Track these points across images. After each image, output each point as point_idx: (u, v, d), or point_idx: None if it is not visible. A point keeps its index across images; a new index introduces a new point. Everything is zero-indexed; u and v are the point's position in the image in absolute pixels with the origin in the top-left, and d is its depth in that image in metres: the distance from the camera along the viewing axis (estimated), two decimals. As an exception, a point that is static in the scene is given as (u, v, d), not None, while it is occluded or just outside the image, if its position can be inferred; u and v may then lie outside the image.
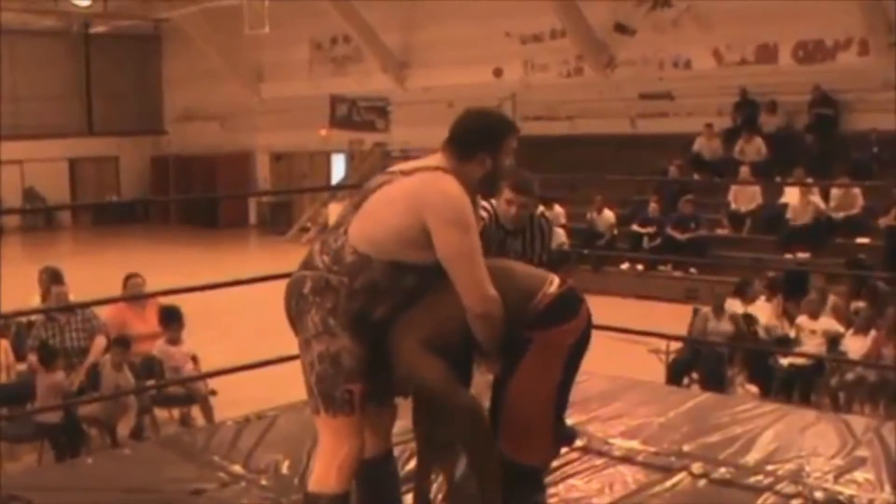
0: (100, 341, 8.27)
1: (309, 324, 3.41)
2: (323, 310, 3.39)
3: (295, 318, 3.48)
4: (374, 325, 3.44)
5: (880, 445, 5.11)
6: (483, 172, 3.49)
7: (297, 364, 3.55)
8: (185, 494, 4.35)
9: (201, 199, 30.12)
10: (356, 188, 4.37)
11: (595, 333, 3.64)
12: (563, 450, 5.03)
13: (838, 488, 4.55)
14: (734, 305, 10.36)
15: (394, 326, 3.45)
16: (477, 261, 3.34)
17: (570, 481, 4.68)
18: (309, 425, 3.90)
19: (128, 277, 8.85)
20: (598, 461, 4.96)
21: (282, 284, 3.61)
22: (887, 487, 4.58)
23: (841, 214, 14.92)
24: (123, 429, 8.01)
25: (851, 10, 16.21)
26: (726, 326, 9.91)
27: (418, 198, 3.34)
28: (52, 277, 9.03)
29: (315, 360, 3.40)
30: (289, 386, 3.69)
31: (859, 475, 4.73)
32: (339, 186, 24.70)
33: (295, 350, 3.53)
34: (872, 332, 9.22)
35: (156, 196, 29.45)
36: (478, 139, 3.48)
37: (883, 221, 14.00)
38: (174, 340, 8.44)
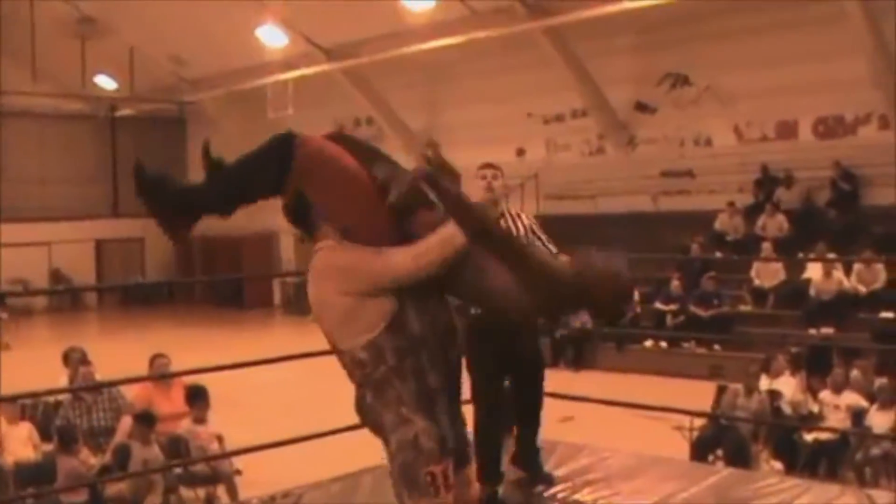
0: (126, 421, 8.33)
1: (387, 424, 3.39)
2: (391, 404, 3.38)
3: (373, 430, 3.49)
4: (434, 393, 3.43)
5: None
6: None
7: (321, 443, 3.59)
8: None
9: (225, 280, 30.27)
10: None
11: (619, 410, 3.68)
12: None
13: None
14: (762, 382, 10.36)
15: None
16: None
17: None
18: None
19: (154, 358, 8.95)
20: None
21: (306, 364, 3.67)
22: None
23: (864, 289, 14.89)
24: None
25: (870, 86, 16.37)
26: (755, 404, 9.90)
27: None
28: (80, 358, 9.14)
29: (395, 452, 3.35)
30: (313, 465, 3.72)
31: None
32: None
33: (318, 429, 3.57)
34: (897, 407, 9.20)
35: (181, 277, 29.63)
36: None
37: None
38: (200, 420, 8.50)
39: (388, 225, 3.41)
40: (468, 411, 5.89)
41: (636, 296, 16.85)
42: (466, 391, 4.24)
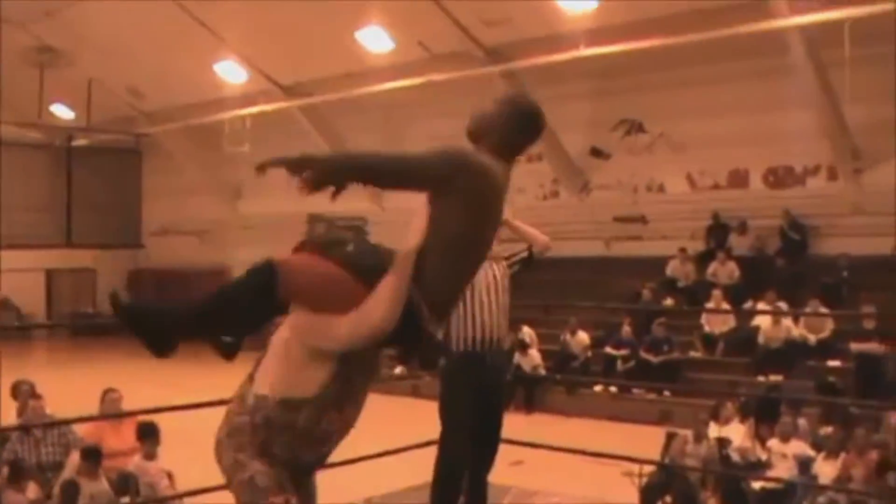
0: (75, 456, 8.25)
1: (225, 464, 3.49)
2: (230, 449, 3.49)
3: (218, 462, 3.58)
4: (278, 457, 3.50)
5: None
6: None
7: None
8: None
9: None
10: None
11: (568, 456, 3.75)
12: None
13: None
14: (711, 429, 10.47)
15: None
16: None
17: None
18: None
19: (105, 393, 8.91)
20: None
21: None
22: None
23: (812, 337, 15.10)
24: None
25: (819, 137, 16.71)
26: (704, 451, 9.99)
27: None
28: (28, 391, 9.06)
29: (236, 494, 3.47)
30: None
31: None
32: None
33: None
34: (842, 456, 9.32)
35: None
36: None
37: (855, 346, 14.17)
38: (150, 456, 8.45)
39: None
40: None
41: (586, 340, 16.97)
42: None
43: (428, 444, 6.10)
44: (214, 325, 3.55)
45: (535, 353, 16.75)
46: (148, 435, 8.48)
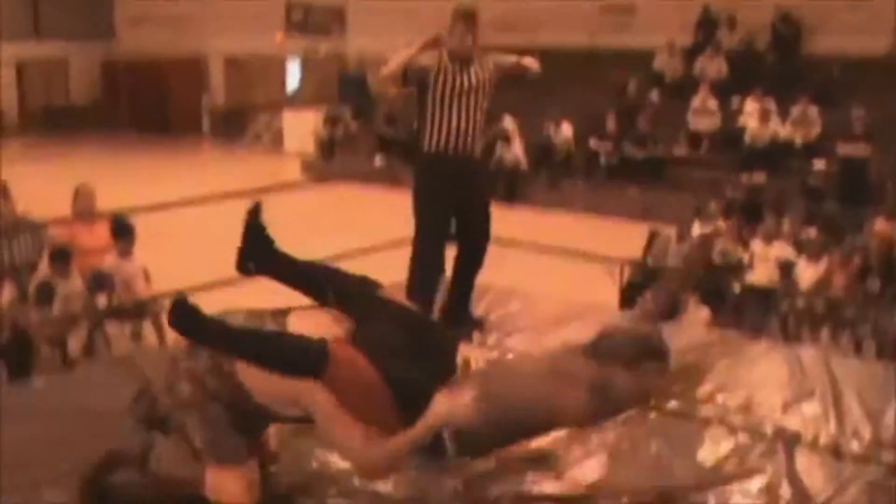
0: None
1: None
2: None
3: None
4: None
5: (828, 378, 5.15)
6: None
7: (249, 280, 3.57)
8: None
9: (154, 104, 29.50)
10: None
11: (551, 253, 3.65)
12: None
13: (786, 421, 4.59)
14: (693, 228, 10.40)
15: None
16: None
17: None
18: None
19: (78, 188, 8.67)
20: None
21: (235, 201, 3.59)
22: (833, 421, 4.63)
23: (799, 138, 14.91)
24: (75, 345, 7.91)
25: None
26: (686, 250, 9.94)
27: None
28: (1, 191, 8.87)
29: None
30: (241, 302, 3.65)
31: (807, 408, 4.77)
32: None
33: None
34: (825, 260, 9.29)
35: (107, 102, 28.78)
36: None
37: (842, 148, 13.95)
38: (125, 253, 8.32)
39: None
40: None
41: (570, 133, 16.74)
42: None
43: (402, 241, 5.98)
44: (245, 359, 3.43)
45: (517, 146, 16.59)
46: (122, 232, 8.31)
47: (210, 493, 3.46)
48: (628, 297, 9.68)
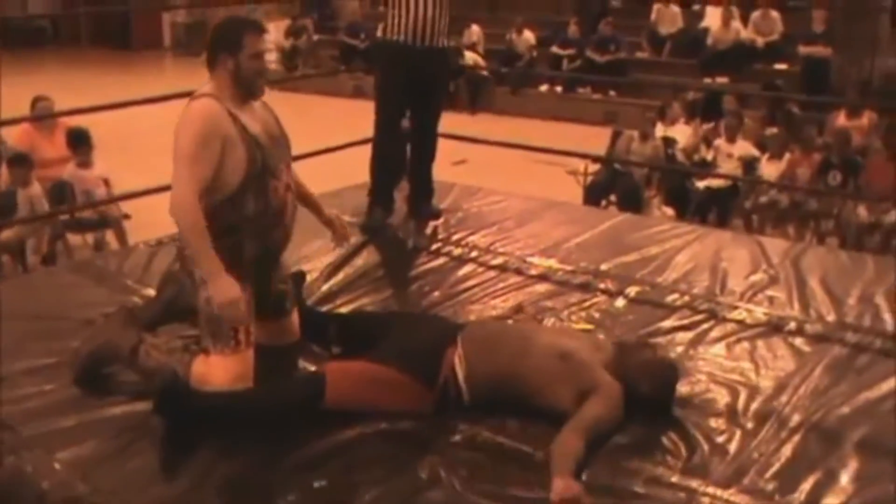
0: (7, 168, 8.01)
1: (197, 277, 3.54)
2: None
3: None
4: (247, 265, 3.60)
5: (791, 266, 5.19)
6: (228, 75, 3.60)
7: None
8: (96, 318, 4.22)
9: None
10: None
11: (513, 154, 3.61)
12: (481, 270, 5.06)
13: (751, 306, 4.63)
14: (657, 129, 10.38)
15: None
16: (189, 168, 3.51)
17: (488, 300, 4.68)
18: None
19: (35, 100, 8.51)
20: (516, 280, 4.96)
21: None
22: (797, 305, 4.67)
23: (761, 40, 14.84)
24: (35, 256, 7.84)
25: None
26: (649, 150, 9.95)
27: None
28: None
29: (203, 304, 3.53)
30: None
31: (771, 294, 4.81)
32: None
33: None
34: (787, 157, 9.33)
35: (66, 13, 28.07)
36: (216, 45, 3.62)
37: (803, 49, 13.91)
38: (84, 164, 8.21)
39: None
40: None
41: (532, 40, 16.58)
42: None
43: (365, 141, 5.94)
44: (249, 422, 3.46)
45: (477, 54, 16.45)
46: (79, 141, 8.20)
47: (194, 382, 3.51)
48: (592, 196, 9.72)
